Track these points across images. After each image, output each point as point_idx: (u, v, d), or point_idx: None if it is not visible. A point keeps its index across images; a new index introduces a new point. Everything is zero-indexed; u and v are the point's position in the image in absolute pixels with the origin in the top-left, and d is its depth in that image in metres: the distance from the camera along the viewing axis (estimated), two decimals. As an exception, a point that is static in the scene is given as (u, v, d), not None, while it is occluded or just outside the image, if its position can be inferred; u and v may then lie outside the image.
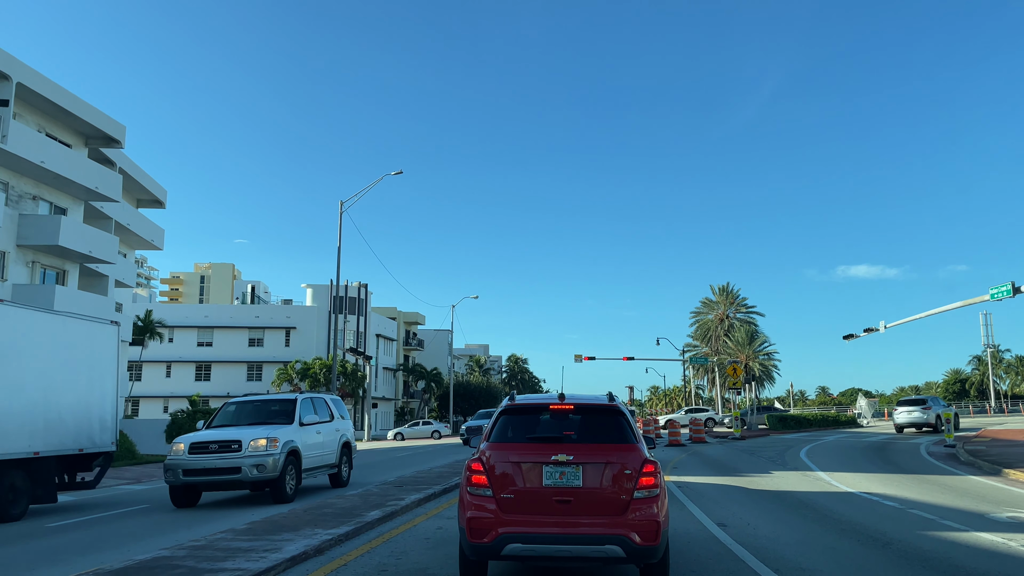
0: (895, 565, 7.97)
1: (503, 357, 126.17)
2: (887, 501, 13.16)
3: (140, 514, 13.88)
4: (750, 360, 72.76)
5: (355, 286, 68.57)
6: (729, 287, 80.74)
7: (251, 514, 12.65)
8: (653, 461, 6.67)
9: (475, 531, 6.47)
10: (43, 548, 10.14)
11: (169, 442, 32.91)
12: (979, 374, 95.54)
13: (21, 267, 31.80)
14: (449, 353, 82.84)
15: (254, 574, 7.47)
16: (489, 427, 7.18)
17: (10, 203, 30.87)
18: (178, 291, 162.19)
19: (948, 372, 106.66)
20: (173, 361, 69.46)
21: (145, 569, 7.79)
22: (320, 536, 9.60)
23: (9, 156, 29.28)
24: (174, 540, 9.96)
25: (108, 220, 39.04)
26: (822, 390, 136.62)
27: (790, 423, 47.66)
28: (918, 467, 20.00)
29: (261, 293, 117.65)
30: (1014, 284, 27.90)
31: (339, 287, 44.05)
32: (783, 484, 16.35)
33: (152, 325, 51.22)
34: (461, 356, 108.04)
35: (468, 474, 6.79)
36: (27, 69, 29.88)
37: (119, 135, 35.98)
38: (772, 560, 8.15)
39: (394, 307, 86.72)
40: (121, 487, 20.02)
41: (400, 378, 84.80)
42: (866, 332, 38.82)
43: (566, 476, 6.50)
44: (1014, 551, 8.69)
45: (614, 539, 6.25)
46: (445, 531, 10.46)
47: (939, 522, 10.78)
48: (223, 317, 73.03)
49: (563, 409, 7.10)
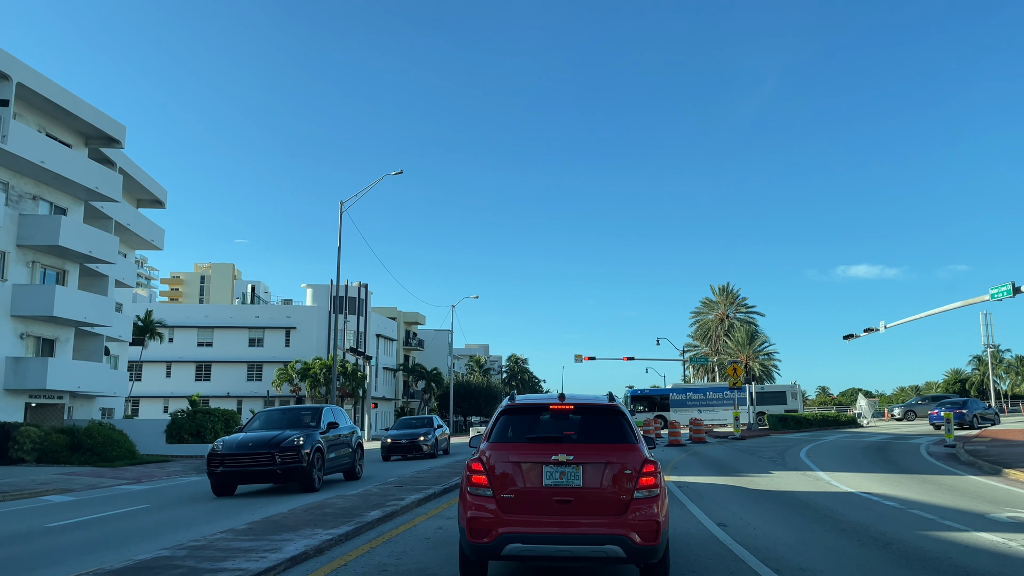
0: (895, 565, 7.97)
1: (503, 357, 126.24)
2: (887, 501, 13.17)
3: (140, 514, 13.88)
4: (750, 360, 72.79)
5: (355, 286, 68.55)
6: (729, 287, 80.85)
7: (251, 514, 12.64)
8: (653, 461, 6.68)
9: (475, 531, 6.47)
10: (43, 548, 10.14)
11: (169, 442, 33.03)
12: (979, 374, 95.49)
13: (21, 267, 31.81)
14: (449, 353, 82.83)
15: (254, 574, 7.47)
16: (489, 427, 7.19)
17: (10, 203, 30.89)
18: (178, 291, 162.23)
19: (948, 372, 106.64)
20: (173, 361, 69.47)
21: (145, 569, 7.79)
22: (320, 536, 9.60)
23: (9, 156, 29.30)
24: (174, 540, 9.96)
25: (108, 220, 39.06)
26: (822, 390, 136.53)
27: (790, 423, 47.67)
28: (918, 467, 20.00)
29: (261, 293, 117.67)
30: (1014, 284, 27.92)
31: (339, 287, 44.03)
32: (783, 484, 16.35)
33: (152, 325, 51.20)
34: (461, 356, 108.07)
35: (468, 474, 6.79)
36: (27, 69, 29.89)
37: (119, 135, 36.00)
38: (772, 560, 8.15)
39: (394, 307, 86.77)
40: (121, 487, 20.02)
41: (400, 378, 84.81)
42: (866, 332, 38.86)
43: (566, 476, 6.50)
44: (1014, 551, 8.69)
45: (614, 539, 6.25)
46: (445, 531, 10.46)
47: (939, 522, 10.78)
48: (223, 317, 73.03)
49: (563, 409, 7.10)
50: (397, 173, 39.67)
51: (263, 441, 16.17)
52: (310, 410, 18.70)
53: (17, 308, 31.05)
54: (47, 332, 33.32)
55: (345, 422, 19.49)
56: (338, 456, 18.14)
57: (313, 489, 16.29)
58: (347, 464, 19.01)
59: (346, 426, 19.32)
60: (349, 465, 19.19)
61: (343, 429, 18.88)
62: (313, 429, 17.23)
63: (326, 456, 17.07)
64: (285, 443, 15.96)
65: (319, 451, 16.74)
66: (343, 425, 19.05)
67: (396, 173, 39.65)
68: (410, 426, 29.75)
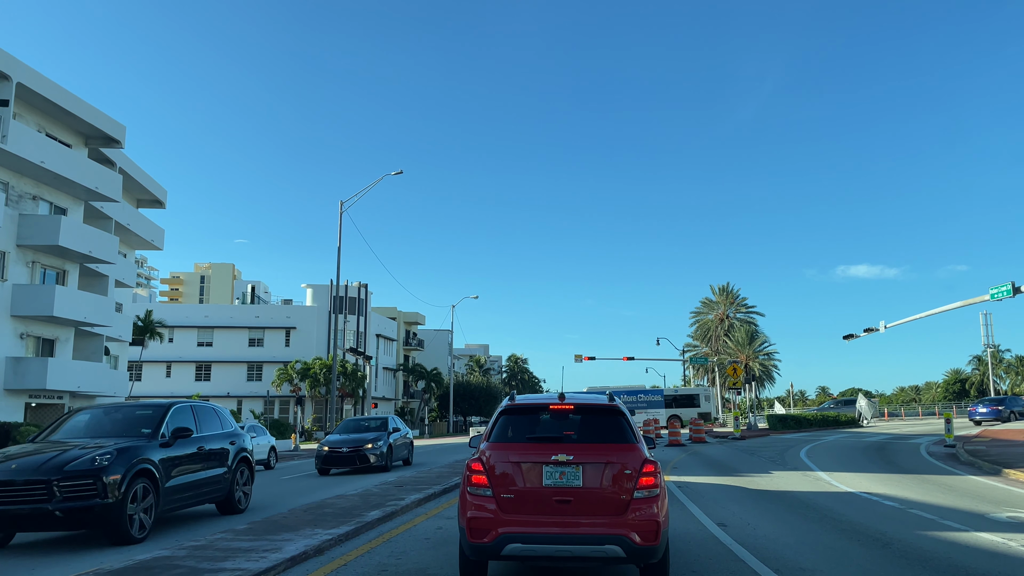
0: (895, 565, 7.97)
1: (503, 357, 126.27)
2: (887, 501, 13.16)
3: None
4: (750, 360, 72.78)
5: (355, 286, 68.57)
6: (729, 287, 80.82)
7: (251, 514, 12.65)
8: (653, 461, 6.68)
9: (475, 531, 6.47)
10: (43, 548, 10.13)
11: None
12: (979, 374, 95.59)
13: (21, 267, 31.81)
14: (449, 353, 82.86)
15: (254, 574, 7.47)
16: (489, 427, 7.19)
17: (10, 203, 30.88)
18: (178, 291, 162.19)
19: (948, 372, 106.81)
20: (173, 361, 69.48)
21: (145, 569, 7.79)
22: (320, 536, 9.60)
23: (9, 156, 29.29)
24: (174, 540, 9.96)
25: (108, 220, 39.05)
26: (822, 390, 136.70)
27: (790, 423, 47.66)
28: (918, 467, 20.00)
29: (261, 293, 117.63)
30: (1014, 284, 27.93)
31: (339, 287, 44.06)
32: (783, 484, 16.34)
33: (152, 325, 51.20)
34: (461, 356, 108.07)
35: (468, 474, 6.80)
36: (27, 69, 29.88)
37: (119, 135, 35.99)
38: (772, 560, 8.15)
39: (394, 307, 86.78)
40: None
41: (400, 378, 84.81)
42: (866, 332, 38.87)
43: (566, 476, 6.50)
44: (1014, 551, 8.69)
45: (614, 539, 6.25)
46: (445, 531, 10.46)
47: (939, 522, 10.78)
48: (223, 317, 73.03)
49: (563, 409, 7.10)
50: (397, 173, 39.70)
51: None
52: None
53: (17, 308, 31.05)
54: (47, 332, 33.32)
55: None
56: (198, 478, 11.73)
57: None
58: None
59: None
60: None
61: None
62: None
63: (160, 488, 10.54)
64: None
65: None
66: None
67: (396, 173, 39.68)
68: (357, 429, 23.24)
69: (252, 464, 13.58)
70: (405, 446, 24.13)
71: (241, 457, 13.07)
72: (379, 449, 21.63)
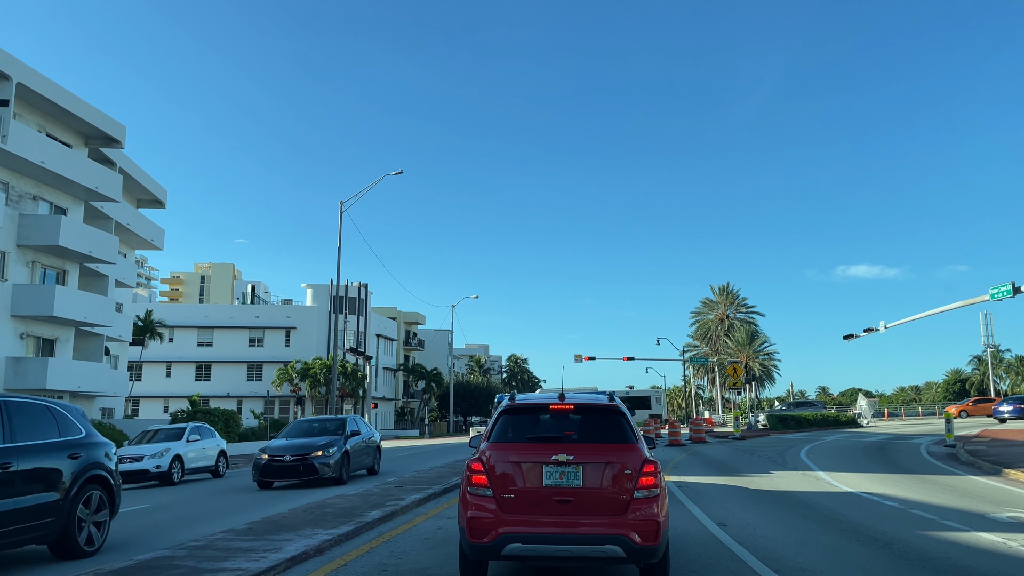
0: (895, 565, 7.97)
1: (503, 357, 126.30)
2: (887, 501, 13.17)
3: (140, 514, 13.88)
4: (750, 360, 72.77)
5: (355, 286, 68.58)
6: (729, 287, 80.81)
7: (251, 514, 12.65)
8: (653, 461, 6.68)
9: (475, 531, 6.47)
10: (42, 548, 10.12)
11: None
12: (979, 374, 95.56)
13: (21, 267, 31.81)
14: (449, 353, 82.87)
15: (254, 574, 7.47)
16: (489, 427, 7.19)
17: (10, 203, 30.88)
18: (178, 291, 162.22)
19: (948, 372, 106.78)
20: (173, 361, 69.49)
21: (145, 569, 7.79)
22: (320, 536, 9.60)
23: (9, 156, 29.30)
24: (174, 540, 9.96)
25: (108, 220, 39.06)
26: (822, 390, 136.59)
27: (790, 423, 47.68)
28: (918, 467, 20.00)
29: (261, 293, 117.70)
30: (1014, 284, 27.93)
31: (339, 287, 44.03)
32: (783, 484, 16.35)
33: (152, 325, 51.19)
34: (461, 356, 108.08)
35: (468, 474, 6.79)
36: (27, 69, 29.89)
37: (119, 135, 36.00)
38: (772, 560, 8.15)
39: (394, 307, 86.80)
40: (121, 487, 19.96)
41: (400, 378, 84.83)
42: (866, 332, 38.87)
43: (566, 476, 6.49)
44: (1014, 551, 8.69)
45: (614, 539, 6.25)
46: (445, 531, 10.46)
47: (939, 522, 10.78)
48: (223, 317, 73.04)
49: (563, 409, 7.10)
50: (397, 173, 39.69)
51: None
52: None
53: (17, 308, 31.05)
54: (47, 332, 33.32)
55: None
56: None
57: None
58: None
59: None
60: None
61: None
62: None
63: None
64: None
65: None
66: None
67: (396, 173, 39.67)
68: (308, 432, 19.29)
69: (114, 486, 10.13)
70: (368, 452, 20.35)
71: (89, 477, 9.41)
72: (331, 457, 17.78)
